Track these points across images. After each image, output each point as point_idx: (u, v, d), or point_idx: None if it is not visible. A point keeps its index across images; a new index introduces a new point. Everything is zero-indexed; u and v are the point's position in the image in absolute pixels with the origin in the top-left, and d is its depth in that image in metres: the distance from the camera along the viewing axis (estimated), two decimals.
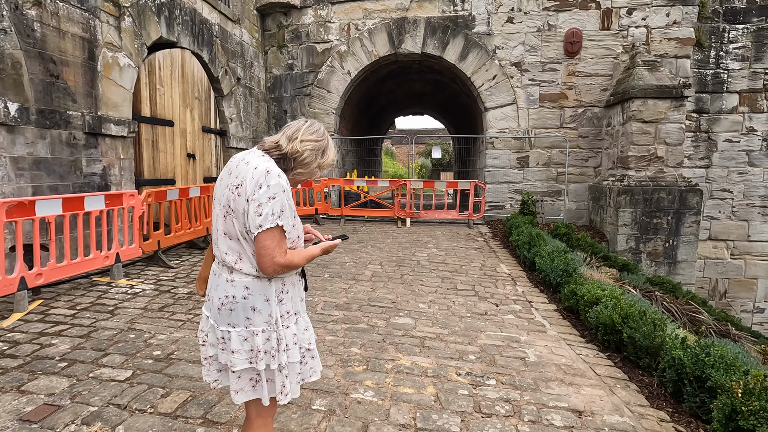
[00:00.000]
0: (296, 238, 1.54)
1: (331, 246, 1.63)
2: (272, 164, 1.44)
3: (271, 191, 1.39)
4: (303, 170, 1.54)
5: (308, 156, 1.52)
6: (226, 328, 1.49)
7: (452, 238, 8.00)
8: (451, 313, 4.15)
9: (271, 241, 1.39)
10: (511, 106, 9.64)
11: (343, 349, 3.24)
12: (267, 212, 1.38)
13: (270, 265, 1.41)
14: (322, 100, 10.32)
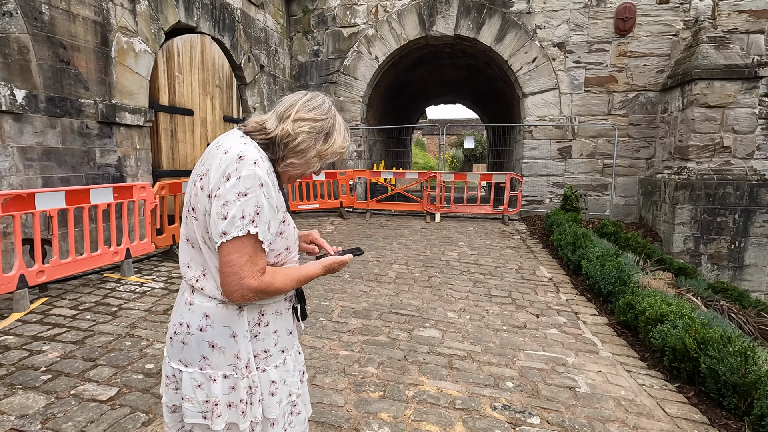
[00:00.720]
0: (284, 250, 1.12)
1: (338, 263, 1.21)
2: (249, 148, 1.02)
3: (241, 185, 0.97)
4: (296, 160, 1.10)
5: (304, 141, 1.09)
6: (177, 366, 1.09)
7: (485, 236, 7.42)
8: (484, 324, 3.64)
9: (239, 255, 0.98)
10: (553, 92, 8.86)
11: (358, 368, 2.80)
12: (234, 214, 0.97)
13: (236, 289, 0.99)
14: (348, 87, 9.88)
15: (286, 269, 1.10)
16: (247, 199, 0.97)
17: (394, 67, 10.39)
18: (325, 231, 7.56)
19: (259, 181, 0.99)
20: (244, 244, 0.98)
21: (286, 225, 1.12)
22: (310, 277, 1.15)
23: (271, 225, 1.02)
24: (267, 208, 1.00)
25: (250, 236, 0.98)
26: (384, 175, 9.01)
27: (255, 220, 0.98)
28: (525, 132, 9.11)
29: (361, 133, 10.06)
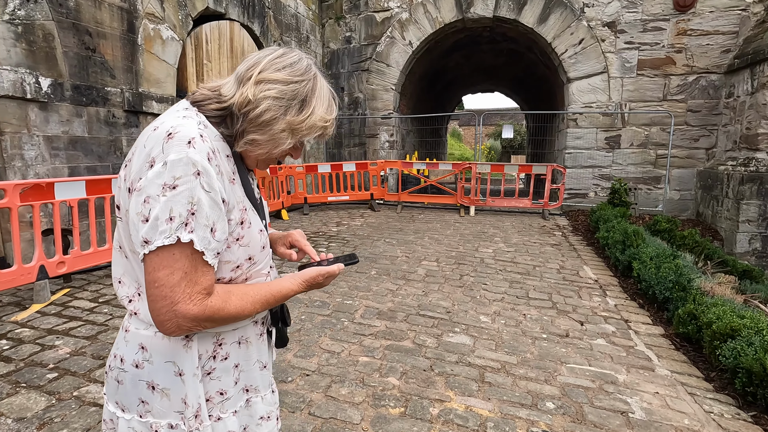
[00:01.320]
0: (244, 261, 0.85)
1: (324, 275, 0.93)
2: (186, 123, 0.76)
3: (168, 173, 0.71)
4: (259, 135, 0.82)
5: (268, 109, 0.80)
6: (114, 409, 0.85)
7: (523, 231, 6.95)
8: (521, 331, 3.28)
9: (169, 271, 0.72)
10: (601, 76, 8.17)
11: (378, 378, 2.54)
12: (158, 215, 0.71)
13: (168, 318, 0.73)
14: (380, 75, 9.56)
15: (246, 288, 0.83)
16: (176, 194, 0.70)
17: (428, 53, 9.96)
18: (354, 224, 7.34)
19: (194, 168, 0.72)
20: (176, 257, 0.71)
21: (247, 227, 0.85)
22: (284, 296, 0.87)
23: (217, 228, 0.76)
24: (208, 206, 0.73)
25: (183, 245, 0.72)
26: (417, 166, 8.66)
27: (189, 223, 0.71)
28: (569, 120, 8.48)
29: (393, 122, 9.74)
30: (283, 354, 2.80)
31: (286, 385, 2.44)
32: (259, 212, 0.91)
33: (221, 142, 0.82)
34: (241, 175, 0.87)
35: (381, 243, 5.94)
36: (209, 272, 0.76)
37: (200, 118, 0.80)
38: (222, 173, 0.78)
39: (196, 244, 0.72)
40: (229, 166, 0.83)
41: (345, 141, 10.21)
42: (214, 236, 0.75)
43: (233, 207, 0.81)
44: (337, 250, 5.47)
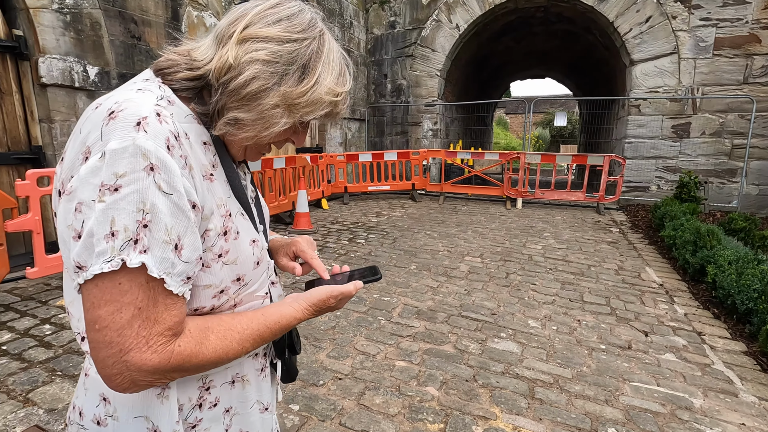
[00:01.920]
0: (231, 283, 0.66)
1: (337, 296, 0.72)
2: (140, 96, 0.57)
3: (107, 168, 0.51)
4: (243, 113, 0.61)
5: (256, 77, 0.60)
6: None
7: (576, 227, 6.46)
8: (575, 340, 2.96)
9: (114, 308, 0.52)
10: (670, 57, 7.39)
11: (415, 387, 2.34)
12: (94, 229, 0.51)
13: (118, 372, 0.53)
14: (425, 60, 9.20)
15: (232, 320, 0.63)
16: (119, 198, 0.50)
17: (476, 36, 9.47)
18: (394, 214, 7.14)
19: (146, 161, 0.52)
20: (123, 288, 0.52)
21: (233, 239, 0.64)
22: (284, 326, 0.67)
23: (184, 244, 0.56)
24: (168, 214, 0.53)
25: (133, 271, 0.52)
26: (461, 156, 8.30)
27: (140, 239, 0.52)
28: (630, 107, 7.77)
29: (437, 109, 9.38)
30: (317, 353, 2.66)
31: (317, 388, 2.30)
32: (251, 217, 0.71)
33: (194, 123, 0.62)
34: (226, 168, 0.67)
35: (422, 235, 5.70)
36: (176, 305, 0.56)
37: (164, 91, 0.60)
38: (192, 167, 0.58)
39: (152, 268, 0.52)
40: (206, 156, 0.63)
41: (387, 129, 9.98)
42: (180, 255, 0.55)
43: (211, 213, 0.61)
44: (375, 242, 5.30)
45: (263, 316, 0.66)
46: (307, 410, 2.12)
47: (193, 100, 0.63)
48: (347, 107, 0.70)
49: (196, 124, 0.63)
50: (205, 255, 0.61)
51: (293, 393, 2.25)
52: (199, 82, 0.62)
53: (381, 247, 5.12)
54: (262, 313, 0.66)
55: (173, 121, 0.57)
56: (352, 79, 0.70)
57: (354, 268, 0.84)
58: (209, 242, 0.61)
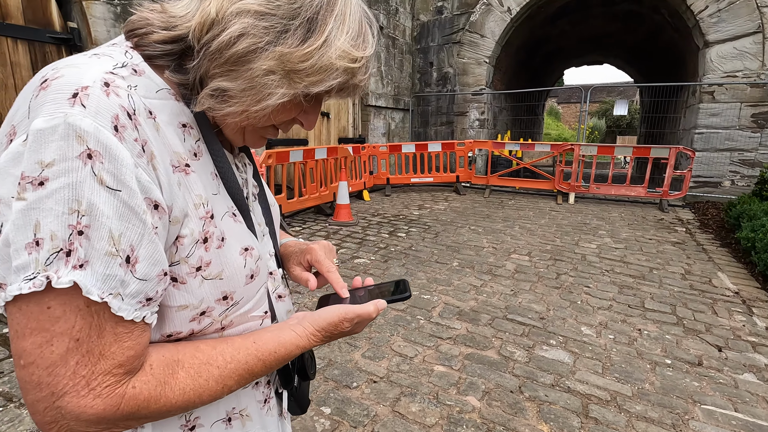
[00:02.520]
0: (215, 303, 0.53)
1: (353, 319, 0.59)
2: (89, 62, 0.44)
3: (30, 155, 0.38)
4: (229, 83, 0.47)
5: (244, 32, 0.46)
6: None
7: (635, 225, 5.96)
8: (635, 352, 2.66)
9: (39, 339, 0.39)
10: (752, 37, 6.60)
11: (455, 396, 2.17)
12: (11, 235, 0.38)
13: (52, 419, 0.40)
14: (473, 47, 8.82)
15: (212, 348, 0.51)
16: (44, 196, 0.38)
17: (529, 20, 8.95)
18: (437, 207, 6.93)
19: (81, 145, 0.39)
20: (54, 313, 0.39)
21: (216, 248, 0.51)
22: (282, 357, 0.54)
23: (140, 255, 0.43)
24: (114, 216, 0.41)
25: (65, 292, 0.39)
26: (509, 147, 7.91)
27: (74, 250, 0.39)
28: (703, 93, 7.04)
29: (485, 98, 8.99)
30: (351, 352, 2.56)
31: (350, 391, 2.19)
32: (247, 219, 0.58)
33: (169, 100, 0.49)
34: (215, 157, 0.54)
35: (465, 230, 5.47)
36: (130, 335, 0.43)
37: (130, 57, 0.48)
38: (153, 155, 0.45)
39: (90, 288, 0.39)
40: (184, 142, 0.51)
41: (431, 119, 9.71)
42: (134, 270, 0.42)
43: (184, 215, 0.48)
44: (416, 236, 5.13)
45: (255, 345, 0.52)
46: (339, 414, 2.02)
47: (171, 68, 0.49)
48: (369, 78, 0.55)
49: (172, 101, 0.50)
50: (178, 268, 0.48)
51: (326, 394, 2.16)
52: (178, 46, 0.48)
53: (422, 241, 4.95)
54: (253, 341, 0.53)
55: (131, 95, 0.44)
56: (376, 42, 0.54)
57: (380, 281, 0.70)
58: (183, 252, 0.48)
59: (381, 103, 8.48)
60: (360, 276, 0.73)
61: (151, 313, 0.45)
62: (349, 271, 3.91)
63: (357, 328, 0.60)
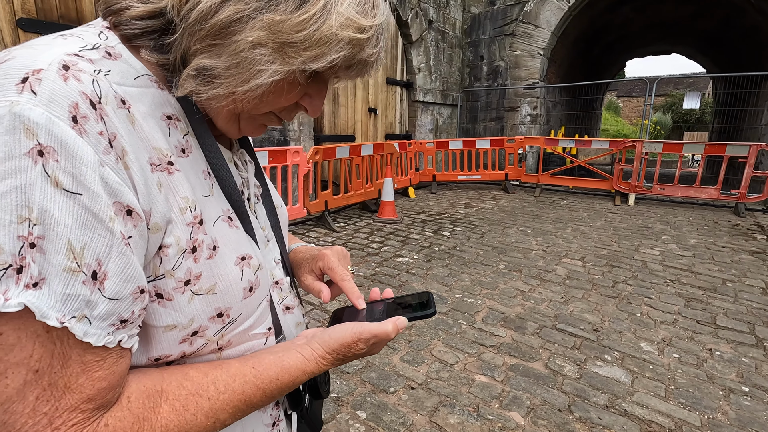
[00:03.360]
0: (208, 321, 0.46)
1: (368, 340, 0.52)
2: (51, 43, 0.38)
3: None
4: (212, 60, 0.40)
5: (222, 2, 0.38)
6: None
7: (705, 231, 5.44)
8: (705, 375, 2.39)
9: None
10: None
11: (497, 410, 2.05)
12: None
13: None
14: (527, 38, 8.43)
15: (204, 375, 0.44)
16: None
17: (588, 9, 8.42)
18: (484, 206, 6.70)
19: (32, 141, 0.33)
20: (7, 341, 0.33)
21: (207, 258, 0.45)
22: (286, 385, 0.48)
23: (109, 269, 0.36)
24: (73, 223, 0.34)
25: (15, 317, 0.33)
26: (563, 144, 7.49)
27: (27, 266, 0.33)
28: None
29: (538, 92, 8.58)
30: (390, 355, 2.49)
31: (386, 396, 2.13)
32: (245, 223, 0.52)
33: (150, 88, 0.43)
34: (207, 152, 0.48)
35: (513, 231, 5.23)
36: (102, 364, 0.37)
37: (104, 39, 0.42)
38: (125, 151, 0.39)
39: (46, 311, 0.33)
40: (168, 137, 0.44)
41: (480, 115, 9.42)
42: (103, 288, 0.36)
43: (167, 221, 0.42)
44: (461, 236, 4.97)
45: (254, 371, 0.46)
46: (374, 420, 1.96)
47: (155, 49, 0.43)
48: (381, 52, 0.47)
49: (154, 88, 0.44)
50: (163, 282, 0.42)
51: (362, 398, 2.11)
52: (158, 21, 0.42)
53: (467, 241, 4.79)
54: (252, 365, 0.47)
55: (97, 80, 0.38)
56: (387, 7, 0.46)
57: (401, 293, 0.63)
58: (168, 264, 0.42)
59: (429, 99, 8.33)
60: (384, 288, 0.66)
61: (129, 336, 0.39)
62: (390, 270, 3.85)
63: (373, 349, 0.54)
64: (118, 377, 0.39)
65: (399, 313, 0.56)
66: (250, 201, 0.57)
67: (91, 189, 0.35)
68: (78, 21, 3.84)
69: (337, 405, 2.06)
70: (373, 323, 0.53)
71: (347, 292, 0.60)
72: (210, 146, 0.48)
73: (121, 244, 0.37)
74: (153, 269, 0.42)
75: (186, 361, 0.47)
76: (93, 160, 0.35)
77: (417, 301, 0.60)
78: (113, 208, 0.36)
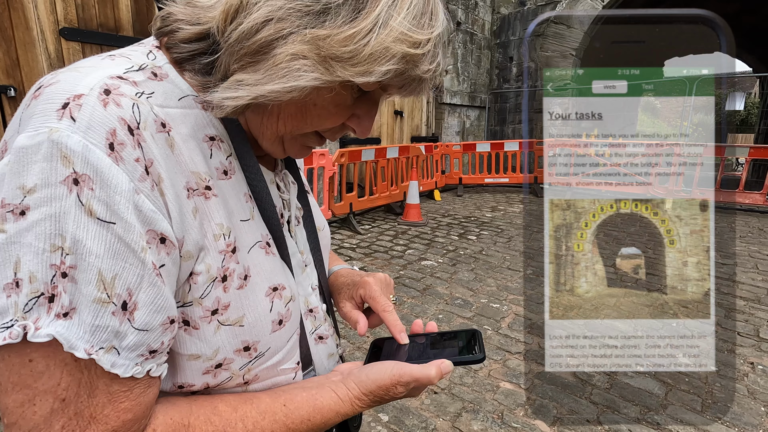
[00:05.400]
0: (233, 353, 0.45)
1: (409, 383, 0.49)
2: (93, 65, 0.39)
3: (12, 179, 0.33)
4: (249, 74, 0.39)
5: (269, 17, 0.38)
6: None
7: (750, 238, 5.17)
8: (746, 390, 2.27)
9: (21, 398, 0.34)
10: None
11: (522, 418, 2.01)
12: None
13: None
14: (558, 39, 8.25)
15: (233, 410, 0.44)
16: (24, 229, 0.33)
17: (624, 7, 8.15)
18: (512, 210, 6.59)
19: (68, 169, 0.33)
20: (36, 367, 0.34)
21: (237, 288, 0.44)
22: (318, 426, 0.46)
23: (140, 300, 0.36)
24: (105, 253, 0.34)
25: (45, 345, 0.34)
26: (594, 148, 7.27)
27: (59, 295, 0.33)
28: None
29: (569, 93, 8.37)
30: None
31: (409, 400, 2.12)
32: (281, 250, 0.51)
33: (194, 109, 0.44)
34: (249, 174, 0.48)
35: (541, 236, 5.10)
36: (129, 394, 0.37)
37: (152, 58, 0.43)
38: (161, 178, 0.39)
39: (75, 342, 0.33)
40: (209, 160, 0.44)
41: (509, 117, 9.27)
42: (133, 319, 0.36)
43: (199, 249, 0.41)
44: (488, 240, 4.90)
45: (285, 409, 0.45)
46: (396, 423, 1.96)
47: (194, 70, 0.44)
48: (439, 69, 0.44)
49: (198, 109, 0.44)
50: (190, 310, 0.42)
51: None
52: (205, 44, 0.43)
53: (494, 246, 4.72)
54: (284, 403, 0.46)
55: (137, 104, 0.38)
56: (446, 20, 0.43)
57: (447, 329, 0.61)
58: (197, 291, 0.42)
59: (456, 101, 8.27)
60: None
61: (158, 365, 0.39)
62: (415, 273, 3.84)
63: (413, 393, 0.51)
64: (144, 408, 0.38)
65: (444, 352, 0.53)
66: (290, 224, 0.56)
67: (124, 218, 0.35)
68: (116, 29, 4.03)
69: None
70: (415, 366, 0.49)
71: (389, 325, 0.57)
72: (251, 168, 0.48)
73: (152, 274, 0.37)
74: (182, 295, 0.41)
75: (210, 392, 0.46)
76: (128, 188, 0.35)
77: (463, 341, 0.55)
78: (146, 236, 0.36)
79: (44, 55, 3.59)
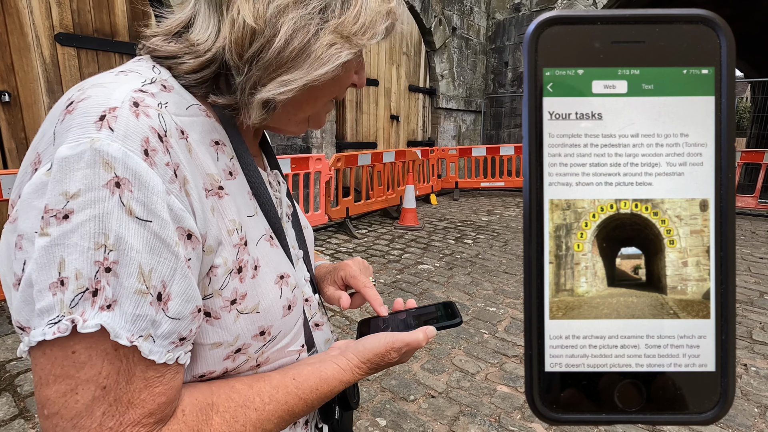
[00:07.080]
0: (251, 339, 0.48)
1: (401, 349, 0.55)
2: (118, 80, 0.42)
3: (55, 186, 0.36)
4: (292, 75, 0.45)
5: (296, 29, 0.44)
6: None
7: (742, 241, 5.22)
8: (739, 391, 2.29)
9: (63, 387, 0.36)
10: None
11: (519, 422, 2.02)
12: (34, 275, 0.35)
13: None
14: None
15: (249, 387, 0.47)
16: (69, 230, 0.35)
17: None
18: (508, 213, 6.63)
19: (110, 174, 0.36)
20: (78, 358, 0.36)
21: (251, 278, 0.48)
22: (325, 394, 0.51)
23: (172, 291, 0.39)
24: (144, 248, 0.37)
25: (91, 336, 0.36)
26: None
27: (103, 289, 0.36)
28: None
29: None
30: (410, 363, 2.49)
31: (407, 404, 2.13)
32: (283, 242, 0.55)
33: (200, 117, 0.47)
34: (249, 174, 0.52)
35: None
36: (162, 379, 0.40)
37: (158, 72, 0.46)
38: (186, 180, 0.42)
39: (119, 331, 0.36)
40: (218, 162, 0.48)
41: (505, 121, 9.34)
42: (167, 309, 0.39)
43: (218, 243, 0.45)
44: (484, 243, 4.93)
45: (294, 382, 0.49)
46: (393, 427, 1.96)
47: (202, 86, 0.47)
48: (400, 8, 0.53)
49: (203, 117, 0.48)
50: (211, 301, 0.45)
51: (382, 405, 2.11)
52: (210, 70, 0.46)
53: (490, 249, 4.74)
54: (293, 377, 0.50)
55: (162, 114, 0.41)
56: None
57: (424, 304, 0.65)
58: (217, 283, 0.45)
59: (452, 105, 8.32)
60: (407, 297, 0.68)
61: (185, 353, 0.42)
62: (411, 277, 3.85)
63: (404, 358, 0.57)
64: (175, 392, 0.41)
65: (426, 322, 0.59)
66: (282, 220, 0.60)
67: (160, 216, 0.38)
68: (112, 35, 4.03)
69: (356, 412, 2.07)
70: (404, 333, 0.56)
71: (370, 300, 0.63)
72: (251, 168, 0.52)
73: (183, 267, 0.40)
74: (203, 288, 0.45)
75: (227, 376, 0.49)
76: (162, 190, 0.39)
77: (441, 311, 0.62)
78: (177, 233, 0.40)
79: (39, 61, 3.58)
